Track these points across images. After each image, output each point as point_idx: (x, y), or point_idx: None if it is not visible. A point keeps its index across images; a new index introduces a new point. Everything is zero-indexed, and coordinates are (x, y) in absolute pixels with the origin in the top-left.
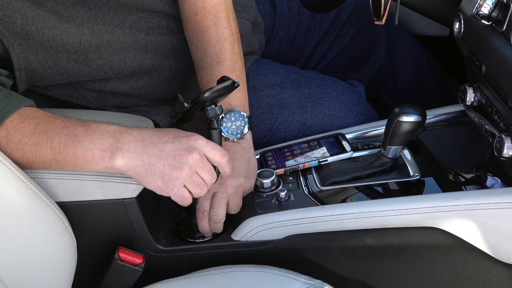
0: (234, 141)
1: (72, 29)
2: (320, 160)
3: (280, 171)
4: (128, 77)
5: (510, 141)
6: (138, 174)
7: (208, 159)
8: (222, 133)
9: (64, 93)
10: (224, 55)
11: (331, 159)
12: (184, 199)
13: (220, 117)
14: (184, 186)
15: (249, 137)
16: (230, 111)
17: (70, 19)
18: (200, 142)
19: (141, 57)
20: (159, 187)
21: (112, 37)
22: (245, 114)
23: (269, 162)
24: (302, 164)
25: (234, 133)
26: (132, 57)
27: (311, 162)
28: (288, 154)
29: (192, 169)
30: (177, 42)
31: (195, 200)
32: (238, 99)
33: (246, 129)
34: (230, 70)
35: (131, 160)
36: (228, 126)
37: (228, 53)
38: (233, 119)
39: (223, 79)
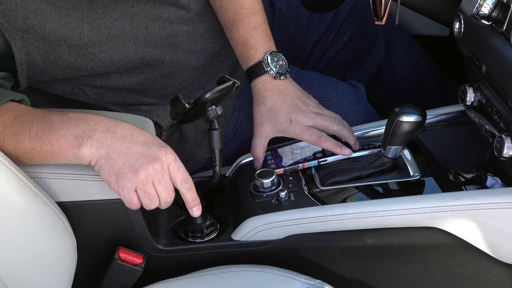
0: (285, 78)
1: (72, 23)
2: (320, 160)
3: (280, 171)
4: (129, 72)
5: (510, 141)
6: (99, 164)
7: (170, 177)
8: (273, 74)
9: (65, 90)
10: (258, 6)
11: (330, 159)
12: (131, 204)
13: (267, 60)
14: (135, 191)
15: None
16: (271, 53)
17: (70, 12)
18: (169, 156)
19: (141, 50)
20: (111, 183)
21: (111, 32)
22: (280, 54)
23: (269, 162)
24: (301, 164)
25: (283, 71)
26: (132, 51)
27: (311, 162)
28: (288, 153)
29: (148, 178)
30: (177, 36)
31: None
32: (270, 41)
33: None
34: (264, 21)
35: (97, 150)
36: (277, 66)
37: (260, 5)
38: (275, 59)
39: (224, 79)
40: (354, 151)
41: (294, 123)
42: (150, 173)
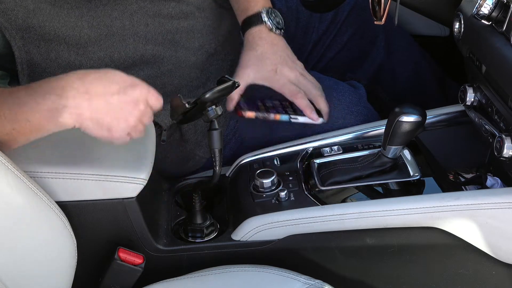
0: (279, 34)
1: (71, 22)
2: (291, 116)
3: (251, 114)
4: (129, 69)
5: (510, 141)
6: (85, 126)
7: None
8: (269, 26)
9: None
10: None
11: (301, 119)
12: (125, 142)
13: (265, 12)
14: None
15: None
16: (269, 8)
17: (70, 11)
18: (143, 92)
19: (141, 47)
20: (104, 137)
21: (111, 30)
22: (278, 12)
23: (241, 105)
24: (273, 115)
25: (279, 27)
26: (132, 48)
27: (282, 116)
28: (260, 104)
29: (137, 119)
30: (177, 32)
31: (195, 200)
32: (269, 1)
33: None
34: None
35: (78, 116)
36: (274, 21)
37: None
38: (273, 15)
39: (224, 79)
40: (324, 122)
41: (278, 74)
42: (138, 116)
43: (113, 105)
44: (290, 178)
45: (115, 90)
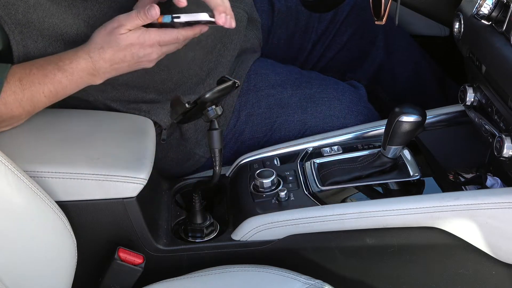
0: None
1: (69, 19)
2: (173, 16)
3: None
4: None
5: (510, 141)
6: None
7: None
8: None
9: None
10: None
11: (184, 17)
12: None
13: None
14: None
15: None
16: None
17: (67, 9)
18: (127, 34)
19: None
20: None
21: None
22: None
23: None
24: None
25: None
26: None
27: (165, 16)
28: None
29: (152, 54)
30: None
31: (195, 200)
32: None
33: None
34: None
35: (107, 77)
36: None
37: None
38: None
39: (224, 79)
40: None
41: None
42: (158, 53)
43: (134, 62)
44: (290, 178)
45: (129, 53)
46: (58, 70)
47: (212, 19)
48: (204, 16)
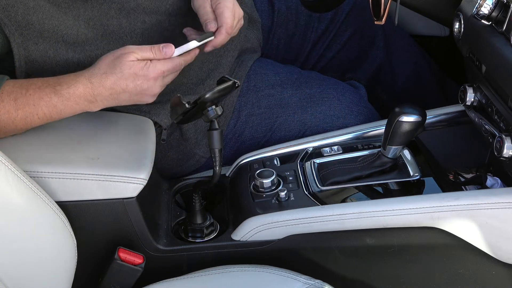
0: None
1: (69, 20)
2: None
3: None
4: None
5: (510, 141)
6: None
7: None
8: None
9: None
10: None
11: (177, 50)
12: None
13: None
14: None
15: None
16: None
17: (67, 10)
18: (156, 70)
19: (139, 45)
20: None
21: (108, 29)
22: None
23: None
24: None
25: None
26: (130, 45)
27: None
28: None
29: (161, 87)
30: (175, 29)
31: (195, 200)
32: None
33: None
34: None
35: (108, 105)
36: None
37: None
38: None
39: (224, 79)
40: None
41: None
42: (160, 85)
43: (135, 94)
44: (290, 178)
45: (132, 84)
46: (54, 94)
47: (203, 42)
48: (194, 44)
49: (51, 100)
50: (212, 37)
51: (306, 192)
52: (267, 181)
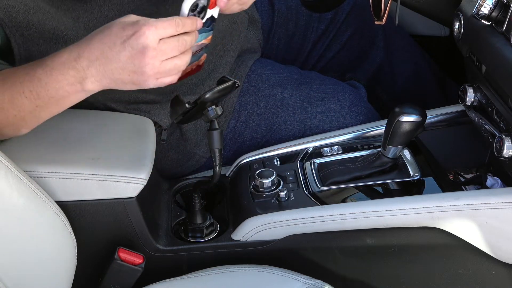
0: None
1: (69, 22)
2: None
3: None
4: None
5: (510, 141)
6: (114, 87)
7: (168, 41)
8: None
9: None
10: None
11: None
12: (166, 84)
13: None
14: (158, 78)
15: None
16: None
17: (67, 12)
18: (149, 34)
19: None
20: (137, 88)
21: None
22: None
23: None
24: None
25: None
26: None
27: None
28: None
29: (154, 66)
30: None
31: (195, 200)
32: None
33: None
34: None
35: (100, 83)
36: None
37: None
38: None
39: (224, 79)
40: None
41: None
42: (151, 63)
43: (123, 62)
44: (290, 178)
45: (119, 47)
46: (38, 66)
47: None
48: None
49: (36, 73)
50: None
51: (306, 192)
52: (267, 181)
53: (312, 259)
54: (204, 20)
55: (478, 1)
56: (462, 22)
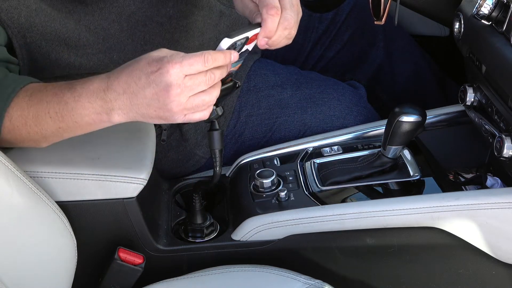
0: None
1: (71, 24)
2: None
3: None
4: None
5: (510, 141)
6: (141, 120)
7: (195, 77)
8: None
9: None
10: None
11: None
12: (196, 121)
13: None
14: (186, 115)
15: None
16: None
17: (68, 15)
18: (173, 72)
19: (140, 47)
20: (165, 122)
21: (109, 32)
22: None
23: None
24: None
25: None
26: (131, 48)
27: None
28: None
29: (180, 102)
30: (175, 31)
31: (195, 200)
32: None
33: None
34: None
35: (127, 115)
36: None
37: None
38: None
39: (224, 80)
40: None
41: None
42: (177, 100)
43: (148, 99)
44: (290, 178)
45: (145, 82)
46: (68, 90)
47: (240, 37)
48: (226, 42)
49: (64, 96)
50: (258, 28)
51: (306, 192)
52: (267, 181)
53: (312, 259)
54: (239, 52)
55: (478, 1)
56: (462, 22)
